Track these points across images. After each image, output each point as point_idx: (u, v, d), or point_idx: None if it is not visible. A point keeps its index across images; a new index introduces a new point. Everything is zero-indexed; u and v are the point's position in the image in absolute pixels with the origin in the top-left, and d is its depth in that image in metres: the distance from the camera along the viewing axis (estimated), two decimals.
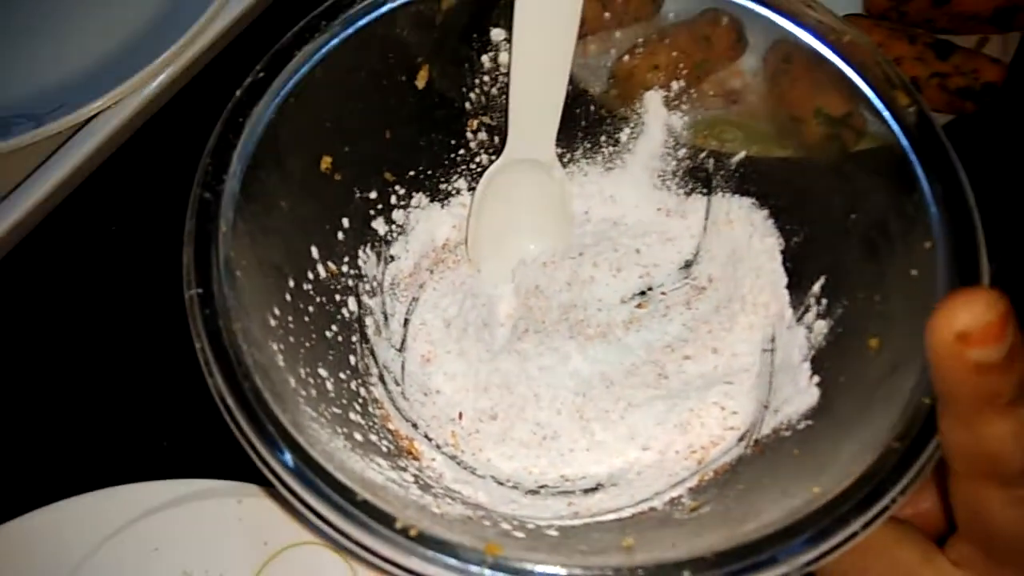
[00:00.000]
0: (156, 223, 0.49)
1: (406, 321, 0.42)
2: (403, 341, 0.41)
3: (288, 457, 0.26)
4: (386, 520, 0.25)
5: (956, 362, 0.22)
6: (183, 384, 0.42)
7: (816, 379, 0.35)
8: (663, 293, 0.43)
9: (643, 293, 0.43)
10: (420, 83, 0.39)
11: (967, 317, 0.21)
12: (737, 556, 0.25)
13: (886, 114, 0.33)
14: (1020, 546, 0.25)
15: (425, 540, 0.25)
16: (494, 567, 0.25)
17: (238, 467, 0.39)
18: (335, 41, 0.35)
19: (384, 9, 0.36)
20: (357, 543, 0.25)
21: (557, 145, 0.42)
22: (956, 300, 0.21)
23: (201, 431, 0.42)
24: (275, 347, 0.31)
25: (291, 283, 0.34)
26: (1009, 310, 0.21)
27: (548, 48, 0.36)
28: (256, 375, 0.27)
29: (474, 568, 0.25)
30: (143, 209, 0.50)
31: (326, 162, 0.37)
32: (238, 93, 0.32)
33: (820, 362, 0.36)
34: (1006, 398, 0.22)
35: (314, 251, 0.37)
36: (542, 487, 0.37)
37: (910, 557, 0.27)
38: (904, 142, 0.33)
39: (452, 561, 0.25)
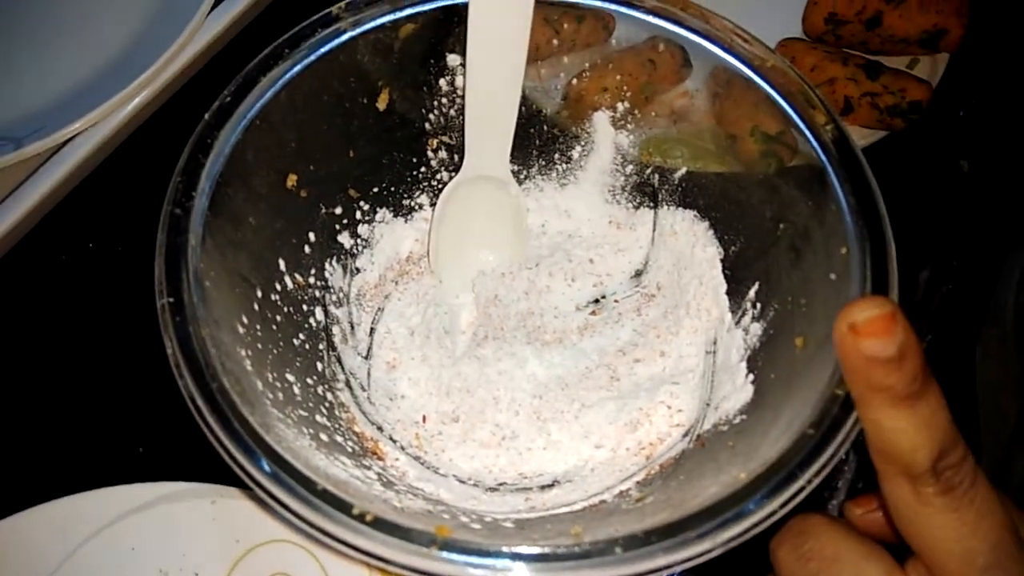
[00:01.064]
0: (131, 241, 0.51)
1: (372, 330, 0.44)
2: (369, 349, 0.43)
3: (253, 451, 0.28)
4: (344, 507, 0.27)
5: (851, 352, 0.25)
6: (157, 393, 0.44)
7: (751, 377, 0.38)
8: (615, 301, 0.46)
9: (596, 301, 0.46)
10: (381, 105, 0.41)
11: (857, 313, 0.24)
12: (665, 533, 0.28)
13: (807, 132, 0.36)
14: (935, 550, 0.26)
15: (380, 524, 0.27)
16: (443, 546, 0.27)
17: (211, 470, 0.40)
18: (298, 67, 0.37)
19: (345, 37, 0.38)
20: (318, 528, 0.27)
21: (513, 162, 0.45)
22: (854, 301, 0.25)
23: (175, 437, 0.43)
24: (243, 353, 0.33)
25: (259, 294, 0.36)
26: (895, 313, 0.24)
27: (499, 73, 0.39)
28: (224, 377, 0.29)
29: (424, 548, 0.27)
30: (119, 227, 0.52)
31: (292, 180, 0.39)
32: (207, 116, 0.35)
33: (755, 361, 0.38)
34: (899, 393, 0.25)
35: (281, 264, 0.39)
36: (501, 484, 0.39)
37: (875, 573, 0.28)
38: (823, 157, 0.36)
39: (405, 543, 0.27)
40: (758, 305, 0.39)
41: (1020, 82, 0.57)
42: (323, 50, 0.37)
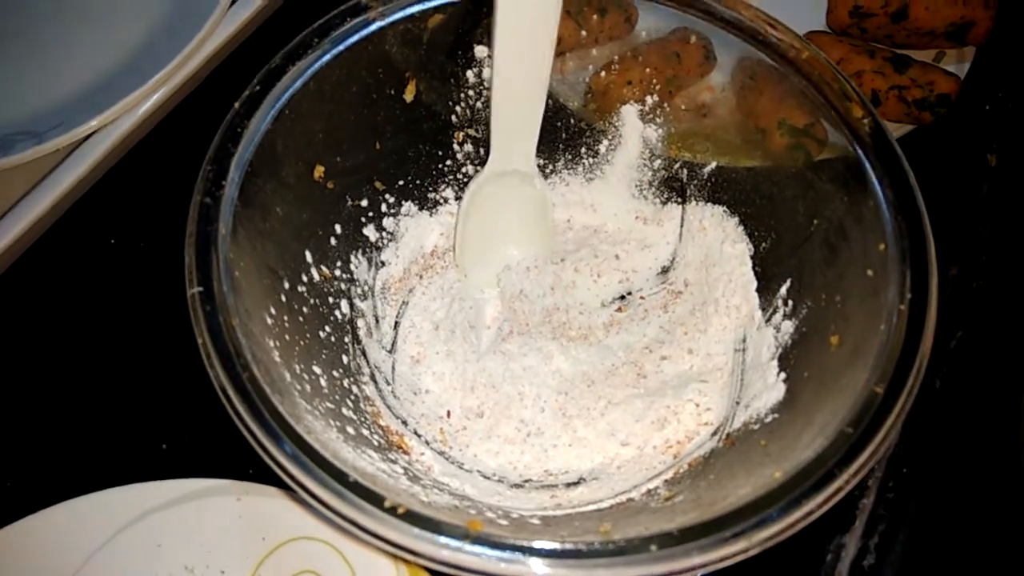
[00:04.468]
0: (153, 236, 0.51)
1: (396, 324, 0.43)
2: (393, 343, 0.43)
3: (284, 441, 0.28)
4: (376, 500, 0.27)
5: None
6: (181, 389, 0.44)
7: (783, 375, 0.37)
8: (641, 297, 0.45)
9: (623, 297, 0.45)
10: (408, 97, 0.41)
11: None
12: (701, 532, 0.27)
13: (842, 125, 0.36)
14: None
15: (412, 518, 0.27)
16: (475, 541, 0.27)
17: (237, 467, 0.40)
18: (327, 57, 0.36)
19: (373, 27, 0.38)
20: (350, 521, 0.27)
21: (539, 156, 0.44)
22: None
23: (200, 433, 0.43)
24: (271, 344, 0.32)
25: (286, 285, 0.36)
26: None
27: (526, 67, 0.38)
28: (255, 367, 0.29)
29: (456, 542, 0.26)
30: (140, 222, 0.52)
31: (319, 171, 0.39)
32: (236, 105, 0.34)
33: (786, 359, 0.38)
34: None
35: (308, 255, 0.38)
36: (526, 481, 0.39)
37: None
38: (859, 151, 0.35)
39: (437, 536, 0.27)
40: (790, 302, 0.39)
41: None
42: (351, 40, 0.37)
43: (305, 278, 0.38)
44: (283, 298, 0.35)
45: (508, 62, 0.38)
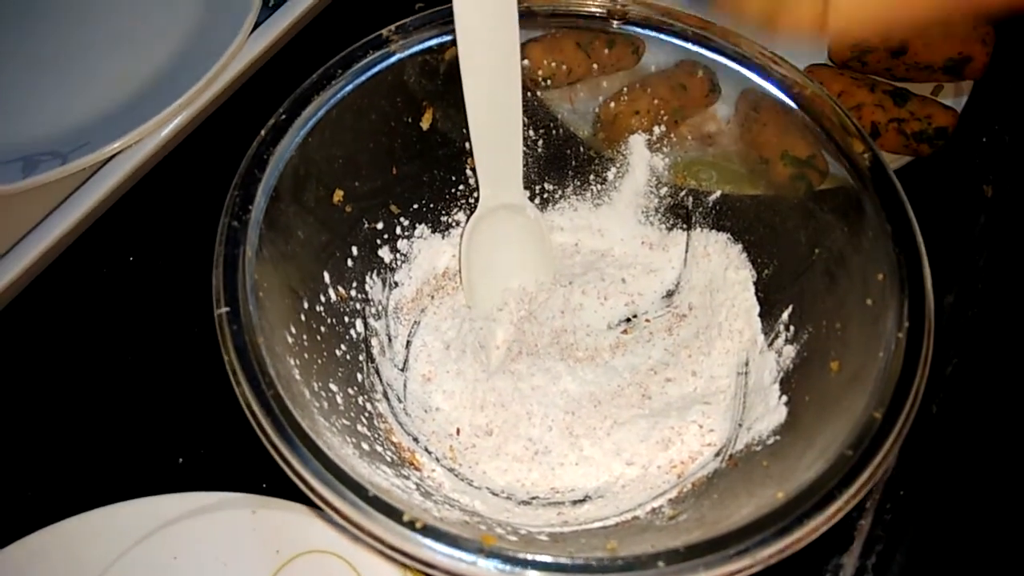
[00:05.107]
0: (171, 255, 0.52)
1: (408, 343, 0.45)
2: (405, 361, 0.44)
3: (308, 457, 0.29)
4: (395, 514, 0.28)
5: None
6: (198, 405, 0.45)
7: (784, 398, 0.38)
8: (647, 320, 0.46)
9: (628, 320, 0.46)
10: (424, 125, 0.43)
11: None
12: (706, 549, 0.28)
13: (843, 158, 0.37)
14: None
15: (430, 531, 0.28)
16: (490, 555, 0.28)
17: (251, 480, 0.41)
18: (349, 87, 0.38)
19: (393, 59, 0.39)
20: (369, 534, 0.28)
21: (548, 182, 0.46)
22: None
23: (215, 447, 0.44)
24: (292, 362, 0.34)
25: (306, 304, 0.37)
26: None
27: (498, 106, 0.39)
28: (278, 384, 0.30)
29: (471, 556, 0.27)
30: (159, 241, 0.53)
31: (338, 195, 0.40)
32: (263, 133, 0.36)
33: (788, 383, 0.39)
34: None
35: (326, 276, 0.40)
36: (534, 498, 0.40)
37: None
38: (859, 185, 0.36)
39: (453, 550, 0.28)
40: (792, 328, 0.40)
41: None
42: (373, 71, 0.38)
43: (323, 298, 0.39)
44: (303, 317, 0.36)
45: (481, 106, 0.39)
